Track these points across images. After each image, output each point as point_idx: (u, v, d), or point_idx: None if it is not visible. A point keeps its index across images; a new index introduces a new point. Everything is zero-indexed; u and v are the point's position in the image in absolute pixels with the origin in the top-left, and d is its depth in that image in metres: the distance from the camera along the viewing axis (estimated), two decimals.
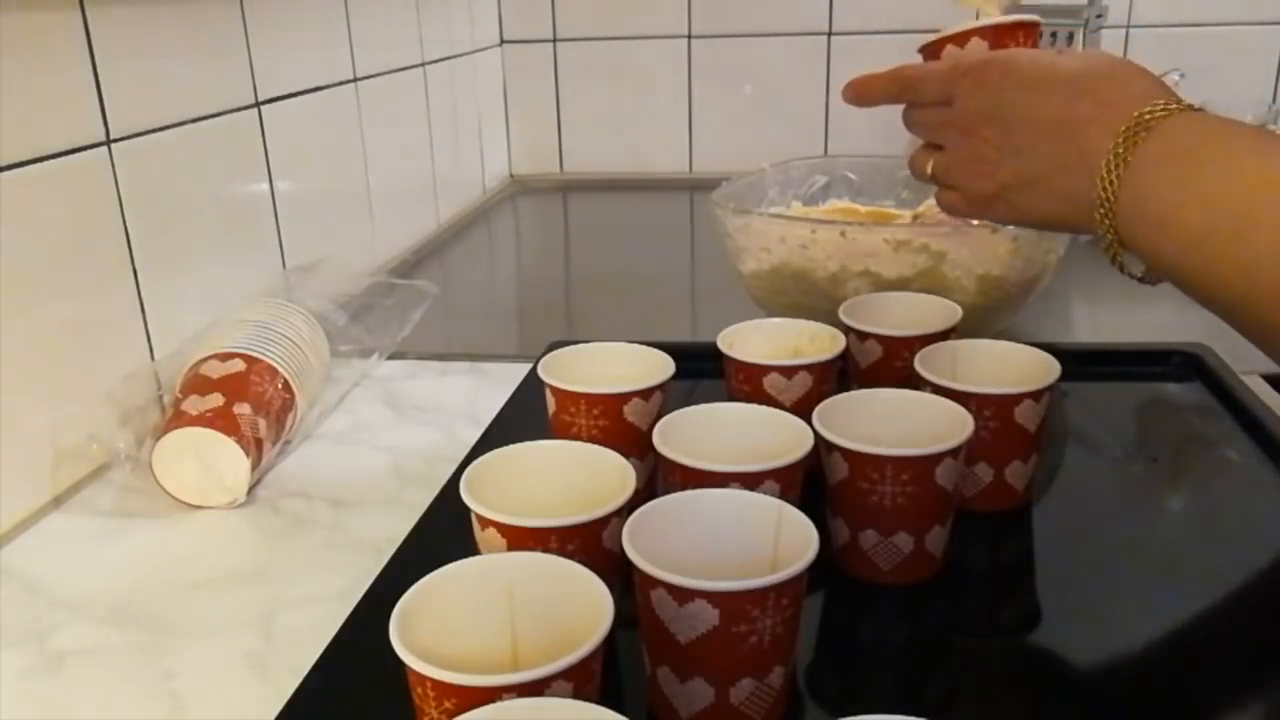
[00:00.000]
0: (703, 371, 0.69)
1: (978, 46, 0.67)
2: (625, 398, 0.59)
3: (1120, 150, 0.52)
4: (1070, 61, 0.58)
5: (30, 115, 0.65)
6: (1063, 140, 0.55)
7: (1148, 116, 0.52)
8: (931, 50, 0.69)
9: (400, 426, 0.78)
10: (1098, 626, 0.51)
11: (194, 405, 0.66)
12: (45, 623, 0.56)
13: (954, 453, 0.53)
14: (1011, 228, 0.74)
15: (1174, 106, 0.52)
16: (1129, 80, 0.55)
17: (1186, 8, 1.43)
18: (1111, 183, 0.52)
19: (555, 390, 0.61)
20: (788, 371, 0.63)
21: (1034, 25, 0.68)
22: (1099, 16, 1.27)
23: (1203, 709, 0.46)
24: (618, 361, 0.64)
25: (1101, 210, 0.53)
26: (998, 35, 0.67)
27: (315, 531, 0.64)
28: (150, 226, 0.75)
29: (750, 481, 0.51)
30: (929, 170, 0.65)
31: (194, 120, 0.81)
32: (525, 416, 0.72)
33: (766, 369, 0.63)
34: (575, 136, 1.61)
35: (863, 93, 0.67)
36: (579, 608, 0.41)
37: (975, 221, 0.88)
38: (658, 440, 0.54)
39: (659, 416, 0.56)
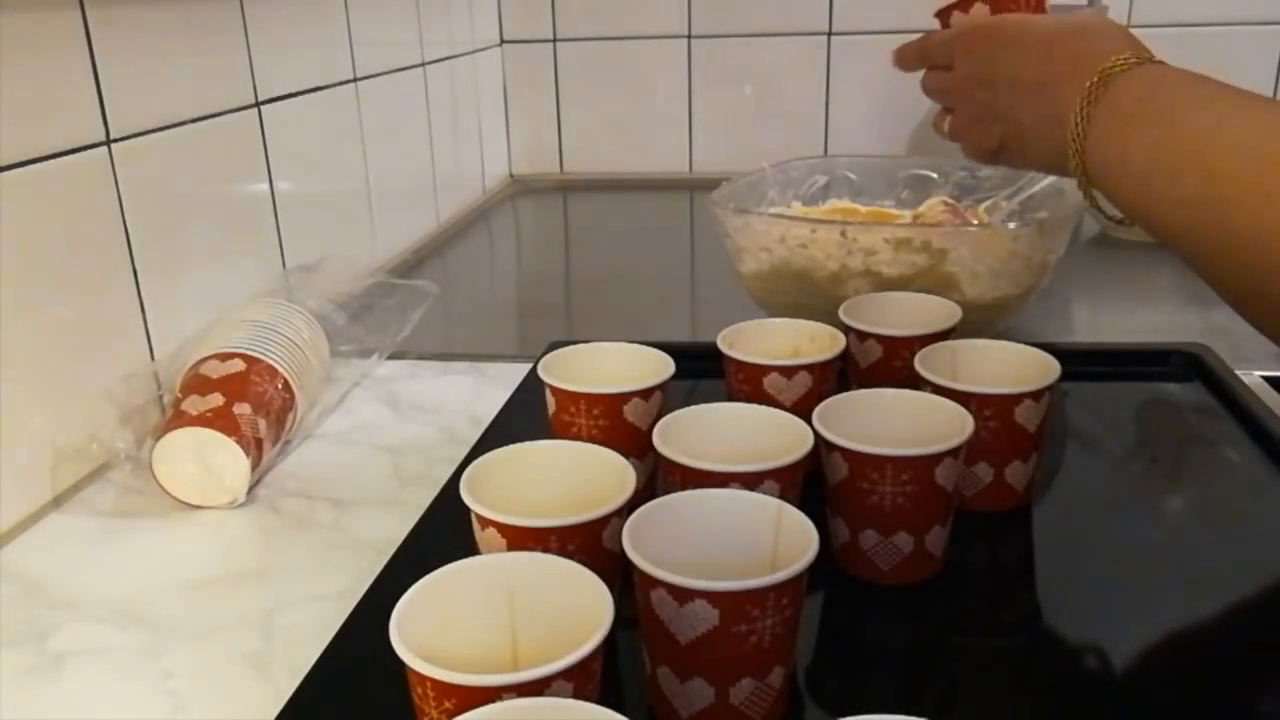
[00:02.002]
0: (703, 371, 0.69)
1: (980, 11, 0.72)
2: (625, 398, 0.59)
3: (1086, 105, 0.57)
4: (1045, 22, 0.64)
5: (30, 115, 0.65)
6: (1042, 99, 0.61)
7: (1110, 71, 0.57)
8: (942, 16, 0.75)
9: (400, 426, 0.78)
10: (1098, 626, 0.51)
11: (194, 405, 0.66)
12: (45, 623, 0.56)
13: (954, 453, 0.53)
14: (1011, 226, 0.81)
15: (1133, 60, 0.57)
16: (1098, 36, 0.60)
17: (1186, 8, 1.43)
18: (1079, 135, 0.58)
19: (555, 390, 0.61)
20: (788, 371, 0.63)
21: None
22: None
23: (1203, 709, 0.46)
24: (618, 361, 0.64)
25: (1074, 161, 0.59)
26: (999, 1, 0.72)
27: (315, 531, 0.64)
28: (150, 226, 0.75)
29: (750, 481, 0.51)
30: (946, 129, 0.72)
31: (194, 120, 0.81)
32: (525, 416, 0.72)
33: (766, 369, 0.63)
34: (575, 136, 1.61)
35: (899, 59, 0.75)
36: (579, 608, 0.41)
37: (975, 221, 0.88)
38: (658, 440, 0.54)
39: (659, 416, 0.56)
